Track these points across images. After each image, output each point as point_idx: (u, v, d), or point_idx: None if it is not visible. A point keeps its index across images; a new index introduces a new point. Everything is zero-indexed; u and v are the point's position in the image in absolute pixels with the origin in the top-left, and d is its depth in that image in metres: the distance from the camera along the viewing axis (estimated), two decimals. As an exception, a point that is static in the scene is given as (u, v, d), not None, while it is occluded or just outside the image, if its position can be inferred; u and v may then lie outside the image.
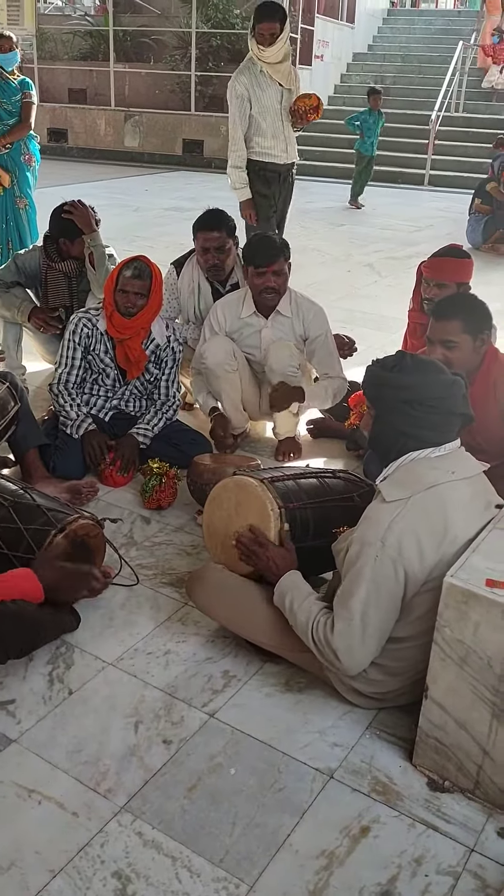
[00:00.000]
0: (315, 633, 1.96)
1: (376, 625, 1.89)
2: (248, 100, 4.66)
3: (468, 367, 2.61)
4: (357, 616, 1.88)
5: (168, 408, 3.34)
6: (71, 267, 3.86)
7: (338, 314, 5.12)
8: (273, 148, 4.78)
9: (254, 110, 4.68)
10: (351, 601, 1.89)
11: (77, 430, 3.19)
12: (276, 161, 4.83)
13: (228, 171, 4.87)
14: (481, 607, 1.71)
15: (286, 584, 2.10)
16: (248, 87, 4.66)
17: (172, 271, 3.77)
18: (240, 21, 12.97)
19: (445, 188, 11.90)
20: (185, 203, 9.59)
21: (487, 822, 1.80)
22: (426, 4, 22.20)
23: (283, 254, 3.34)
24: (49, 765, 1.89)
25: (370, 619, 1.88)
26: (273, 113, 4.72)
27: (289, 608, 2.05)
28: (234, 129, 4.76)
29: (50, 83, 14.74)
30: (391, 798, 1.85)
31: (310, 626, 1.97)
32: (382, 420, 2.01)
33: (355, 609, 1.88)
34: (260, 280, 3.32)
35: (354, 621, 1.88)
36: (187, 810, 1.79)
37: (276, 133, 4.76)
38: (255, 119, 4.70)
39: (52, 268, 3.87)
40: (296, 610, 2.02)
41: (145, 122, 13.70)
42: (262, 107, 4.69)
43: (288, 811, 1.80)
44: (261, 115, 4.69)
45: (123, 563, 2.57)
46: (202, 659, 2.26)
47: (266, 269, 3.30)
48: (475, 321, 2.61)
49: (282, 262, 3.33)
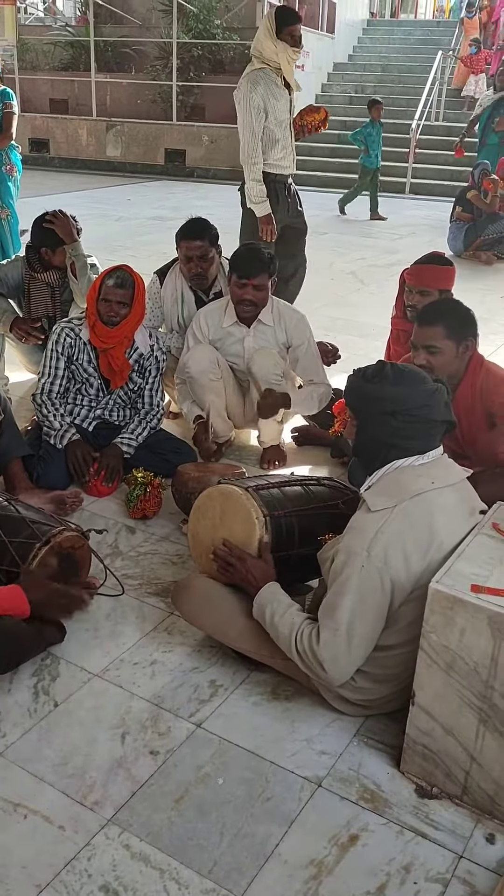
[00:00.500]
0: (299, 644, 1.95)
1: (362, 635, 1.89)
2: (264, 111, 4.54)
3: (451, 372, 2.62)
4: (343, 626, 1.88)
5: (152, 417, 3.33)
6: (53, 277, 3.86)
7: (321, 321, 5.13)
8: (283, 159, 4.69)
9: (269, 121, 4.57)
10: (337, 611, 1.88)
11: (61, 441, 3.18)
12: (285, 172, 4.73)
13: (249, 185, 4.69)
14: (467, 613, 1.72)
15: (266, 596, 2.08)
16: (264, 98, 4.53)
17: (156, 280, 3.77)
18: (220, 31, 13.03)
19: (426, 196, 11.98)
20: (167, 212, 9.60)
21: (476, 827, 1.80)
22: (405, 15, 22.38)
23: (267, 269, 3.30)
24: (35, 778, 1.88)
25: (356, 630, 1.88)
26: (285, 123, 4.64)
27: (269, 620, 2.04)
28: (253, 141, 4.59)
29: (31, 93, 14.74)
30: (379, 806, 1.84)
31: (293, 637, 1.96)
32: (365, 430, 2.01)
33: (341, 619, 1.88)
34: (240, 290, 3.31)
35: (340, 631, 1.88)
36: (175, 822, 1.78)
37: (286, 143, 4.66)
38: (271, 130, 4.59)
39: (35, 278, 3.86)
40: (277, 622, 2.01)
41: (127, 132, 13.72)
42: (277, 118, 4.59)
43: (276, 821, 1.79)
44: (276, 126, 4.59)
45: (108, 573, 2.56)
46: (188, 669, 2.25)
47: (247, 282, 3.28)
48: (459, 327, 2.62)
49: (264, 276, 3.30)
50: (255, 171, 4.65)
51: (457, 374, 2.66)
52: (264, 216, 4.68)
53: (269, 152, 4.64)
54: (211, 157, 13.11)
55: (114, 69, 14.65)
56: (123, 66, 14.36)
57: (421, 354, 2.61)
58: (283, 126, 4.63)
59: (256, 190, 4.67)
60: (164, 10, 13.51)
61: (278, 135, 4.60)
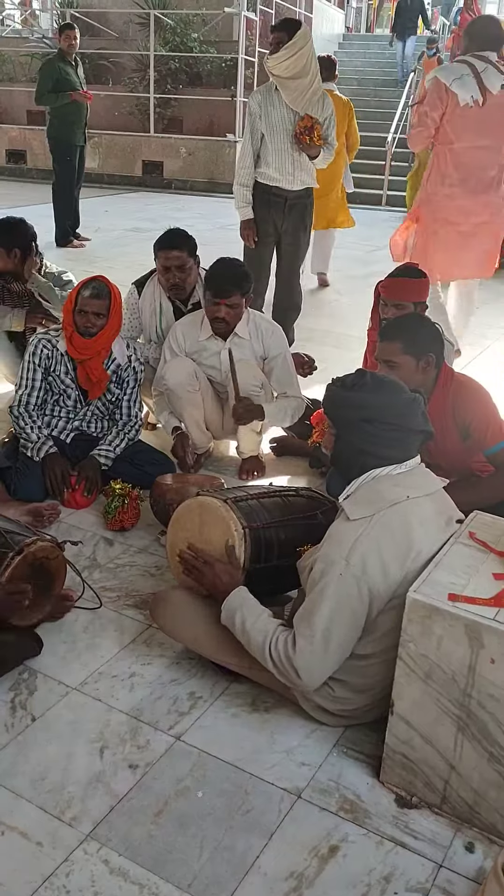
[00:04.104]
0: (273, 651, 1.94)
1: (338, 642, 1.89)
2: (259, 116, 4.54)
3: (414, 387, 2.64)
4: (319, 633, 1.88)
5: (130, 428, 3.32)
6: (24, 288, 3.85)
7: (298, 333, 5.15)
8: (277, 171, 4.61)
9: (263, 128, 4.55)
10: (313, 619, 1.89)
11: (38, 453, 3.16)
12: (280, 185, 4.64)
13: (233, 189, 4.78)
14: (444, 621, 1.73)
15: (234, 601, 2.07)
16: (260, 104, 4.53)
17: (133, 291, 3.77)
18: (197, 44, 13.09)
19: (402, 208, 12.07)
20: (144, 224, 9.60)
21: (455, 836, 1.81)
22: (380, 30, 22.61)
23: (240, 288, 3.26)
24: (12, 794, 1.86)
25: (332, 637, 1.88)
26: (281, 133, 4.55)
27: (240, 627, 2.02)
28: (243, 145, 4.67)
29: (8, 105, 14.70)
30: (359, 816, 1.84)
31: (267, 644, 1.96)
32: (344, 439, 2.02)
33: (318, 626, 1.88)
34: (213, 308, 3.30)
35: (316, 638, 1.88)
36: (154, 836, 1.77)
37: (282, 155, 4.58)
38: (265, 137, 4.57)
39: (8, 289, 3.86)
40: (249, 629, 2.00)
41: (104, 144, 13.70)
42: (271, 125, 4.54)
43: (256, 833, 1.78)
44: (269, 135, 4.55)
45: (86, 586, 2.54)
46: (167, 681, 2.24)
47: (220, 302, 3.26)
48: (418, 343, 2.64)
49: (237, 297, 3.26)
50: (238, 175, 4.72)
51: (422, 389, 2.68)
52: (244, 221, 4.75)
53: (262, 161, 4.63)
54: (188, 169, 13.14)
55: (91, 81, 14.55)
56: (100, 79, 14.34)
57: (382, 369, 2.64)
58: (279, 135, 4.55)
59: (239, 194, 4.73)
60: (142, 22, 13.54)
61: (270, 145, 4.56)
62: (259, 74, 13.00)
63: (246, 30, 12.49)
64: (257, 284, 4.83)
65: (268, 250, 4.85)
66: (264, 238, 4.78)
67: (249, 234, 4.76)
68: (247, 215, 4.73)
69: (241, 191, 4.71)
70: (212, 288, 3.29)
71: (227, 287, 3.25)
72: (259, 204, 4.71)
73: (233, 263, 3.39)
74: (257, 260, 4.78)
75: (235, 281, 3.27)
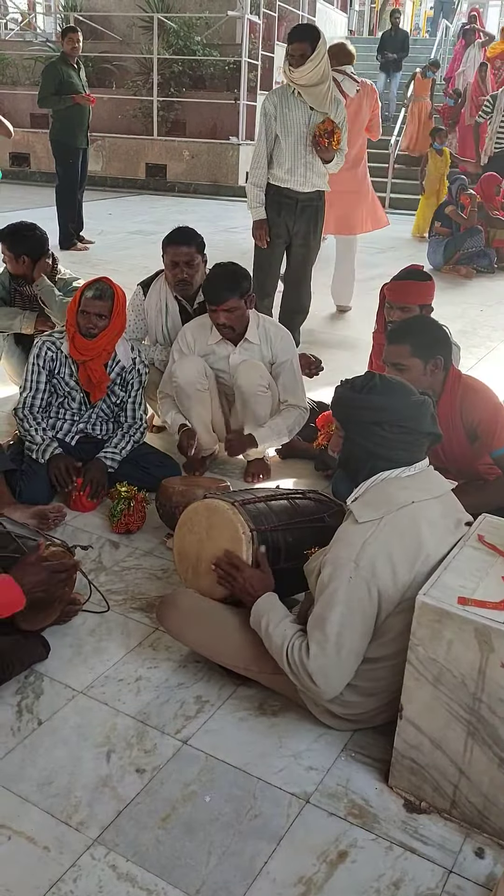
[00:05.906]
0: (290, 656, 1.94)
1: (351, 647, 1.88)
2: (274, 118, 4.53)
3: (422, 389, 2.63)
4: (332, 638, 1.87)
5: (135, 430, 3.31)
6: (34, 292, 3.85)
7: (303, 336, 5.15)
8: (289, 173, 4.61)
9: (278, 129, 4.55)
10: (325, 624, 1.88)
11: (43, 455, 3.15)
12: (291, 187, 4.64)
13: (246, 189, 4.79)
14: (454, 625, 1.72)
15: (263, 605, 2.08)
16: (275, 105, 4.53)
17: (139, 292, 3.76)
18: (201, 48, 13.10)
19: (406, 210, 12.08)
20: (148, 226, 9.60)
21: (465, 842, 1.79)
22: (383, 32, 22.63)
23: (235, 292, 3.23)
24: (19, 798, 1.84)
25: (345, 642, 1.87)
26: (296, 135, 4.55)
27: (265, 630, 2.03)
28: (258, 146, 4.67)
29: (12, 108, 14.70)
30: (368, 821, 1.83)
31: (285, 648, 1.95)
32: (352, 441, 2.01)
33: (330, 631, 1.87)
34: (213, 315, 3.29)
35: (329, 643, 1.87)
36: (162, 841, 1.75)
37: (295, 157, 4.58)
38: (278, 139, 4.57)
39: (20, 292, 3.86)
40: (272, 632, 2.00)
41: (108, 147, 13.71)
42: (286, 127, 4.53)
43: (264, 838, 1.77)
44: (283, 136, 4.55)
45: (93, 588, 2.53)
46: (174, 685, 2.22)
47: (217, 308, 3.26)
48: (425, 345, 2.63)
49: (234, 300, 3.23)
50: (252, 175, 4.72)
51: (431, 391, 2.67)
52: (256, 221, 4.75)
53: (275, 162, 4.63)
54: (192, 171, 13.14)
55: (94, 84, 14.61)
56: (104, 82, 14.36)
57: (390, 372, 2.63)
58: (293, 137, 4.54)
59: (252, 194, 4.73)
60: (145, 26, 13.55)
61: (284, 145, 4.55)
62: (262, 77, 13.03)
63: (249, 33, 12.51)
64: (266, 285, 4.87)
65: (278, 252, 4.85)
66: (275, 239, 4.78)
67: (262, 234, 4.75)
68: (260, 215, 4.73)
69: (255, 191, 4.71)
70: (207, 296, 3.29)
71: (221, 293, 3.24)
72: (270, 205, 4.70)
73: (227, 268, 3.35)
74: (267, 261, 4.80)
75: (230, 286, 3.25)
